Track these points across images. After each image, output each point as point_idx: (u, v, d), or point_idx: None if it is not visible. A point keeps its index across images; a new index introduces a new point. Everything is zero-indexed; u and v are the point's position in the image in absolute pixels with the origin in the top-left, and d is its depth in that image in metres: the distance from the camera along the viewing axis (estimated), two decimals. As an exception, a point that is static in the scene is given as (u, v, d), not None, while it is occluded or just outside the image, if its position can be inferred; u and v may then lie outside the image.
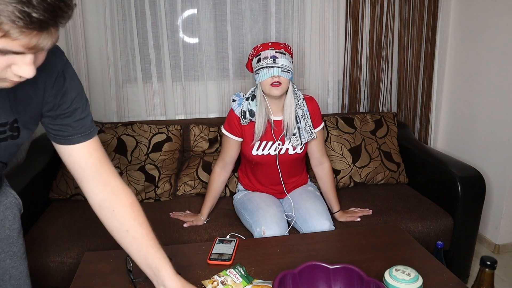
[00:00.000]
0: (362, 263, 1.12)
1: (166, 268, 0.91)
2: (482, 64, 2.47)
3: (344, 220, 1.90)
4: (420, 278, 0.96)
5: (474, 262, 2.16)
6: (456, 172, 2.03)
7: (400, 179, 2.34)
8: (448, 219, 1.99)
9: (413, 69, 2.70)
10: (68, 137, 0.89)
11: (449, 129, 2.81)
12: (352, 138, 2.34)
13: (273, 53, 1.69)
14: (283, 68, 1.68)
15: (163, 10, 2.35)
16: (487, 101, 2.44)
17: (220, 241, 1.26)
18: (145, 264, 0.93)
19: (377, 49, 2.62)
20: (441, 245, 1.45)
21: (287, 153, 1.85)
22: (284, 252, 1.22)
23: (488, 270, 0.91)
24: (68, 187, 2.11)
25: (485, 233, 2.52)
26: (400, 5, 2.58)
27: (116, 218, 0.94)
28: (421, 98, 2.77)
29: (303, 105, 1.81)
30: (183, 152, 2.33)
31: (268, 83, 1.70)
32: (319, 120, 1.89)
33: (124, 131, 2.22)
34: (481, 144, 2.51)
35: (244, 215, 1.84)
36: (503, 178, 2.36)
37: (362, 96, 2.71)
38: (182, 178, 2.21)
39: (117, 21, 2.35)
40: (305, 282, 0.96)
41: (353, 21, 2.55)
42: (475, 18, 2.50)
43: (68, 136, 0.89)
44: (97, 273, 1.13)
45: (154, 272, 0.92)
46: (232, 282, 1.03)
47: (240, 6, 2.45)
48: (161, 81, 2.48)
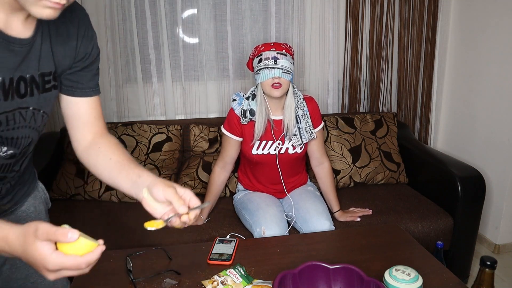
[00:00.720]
0: (362, 263, 1.12)
1: (149, 173, 0.88)
2: (482, 64, 2.47)
3: (344, 220, 1.90)
4: (420, 278, 0.96)
5: (474, 262, 2.16)
6: (456, 172, 2.03)
7: (400, 179, 2.34)
8: (448, 219, 1.99)
9: (413, 69, 2.70)
10: (82, 89, 0.94)
11: (449, 129, 2.80)
12: (352, 138, 2.34)
13: (275, 54, 1.69)
14: (284, 69, 1.68)
15: (163, 10, 2.35)
16: (487, 101, 2.44)
17: (220, 241, 1.26)
18: (132, 185, 0.88)
19: (377, 49, 2.62)
20: (441, 245, 1.45)
21: (287, 153, 1.85)
22: (284, 252, 1.22)
23: (488, 270, 0.91)
24: (68, 187, 2.11)
25: (485, 233, 2.52)
26: (400, 5, 2.58)
27: (101, 152, 0.95)
28: (421, 98, 2.77)
29: (303, 105, 1.81)
30: (183, 152, 2.33)
31: (269, 84, 1.70)
32: (318, 120, 1.89)
33: (124, 131, 2.22)
34: (481, 144, 2.51)
35: (244, 215, 1.84)
36: (503, 178, 2.36)
37: (362, 96, 2.71)
38: (182, 178, 2.21)
39: (117, 21, 2.35)
40: (305, 282, 0.96)
41: (353, 21, 2.55)
42: (475, 18, 2.50)
43: (82, 88, 0.94)
44: (97, 273, 1.12)
45: (139, 184, 0.87)
46: (232, 282, 1.03)
47: (240, 6, 2.45)
48: (161, 81, 2.48)
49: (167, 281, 1.07)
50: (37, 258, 0.63)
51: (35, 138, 0.92)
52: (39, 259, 0.63)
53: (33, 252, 0.63)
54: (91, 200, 2.13)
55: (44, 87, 0.84)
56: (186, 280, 1.07)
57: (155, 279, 1.07)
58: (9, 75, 0.76)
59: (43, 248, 0.63)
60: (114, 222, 1.91)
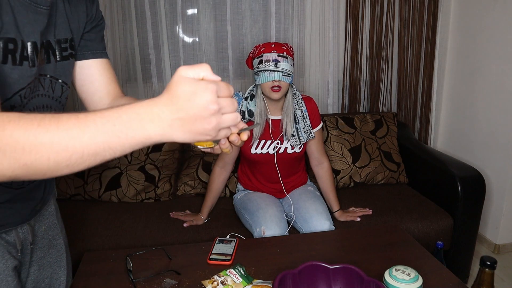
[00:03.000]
0: (362, 263, 1.12)
1: None
2: (482, 64, 2.47)
3: (344, 220, 1.90)
4: (420, 278, 0.96)
5: (474, 262, 2.16)
6: (456, 172, 2.03)
7: (400, 179, 2.34)
8: (448, 219, 1.99)
9: (413, 69, 2.70)
10: (92, 51, 0.93)
11: (449, 129, 2.80)
12: (352, 138, 2.34)
13: (275, 57, 1.69)
14: (284, 72, 1.68)
15: (163, 10, 2.35)
16: (487, 101, 2.44)
17: (220, 241, 1.26)
18: None
19: (377, 49, 2.62)
20: (441, 245, 1.45)
21: (285, 152, 1.85)
22: (284, 252, 1.22)
23: (488, 270, 0.91)
24: (68, 187, 2.11)
25: (485, 233, 2.52)
26: (400, 5, 2.58)
27: (114, 104, 0.94)
28: (421, 98, 2.77)
29: (302, 106, 1.81)
30: (183, 152, 2.33)
31: (268, 86, 1.71)
32: (318, 120, 1.89)
33: (124, 131, 2.22)
34: (481, 144, 2.51)
35: (244, 215, 1.84)
36: (503, 178, 2.36)
37: (362, 96, 2.71)
38: (182, 178, 2.21)
39: (117, 21, 2.35)
40: (305, 282, 0.96)
41: (353, 21, 2.55)
42: (475, 18, 2.50)
43: (92, 50, 0.93)
44: (97, 273, 1.13)
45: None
46: (232, 282, 1.03)
47: (240, 6, 2.45)
48: (161, 81, 2.48)
49: (167, 281, 1.07)
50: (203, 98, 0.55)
51: (57, 110, 0.87)
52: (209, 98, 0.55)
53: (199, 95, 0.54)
54: (91, 200, 2.13)
55: (61, 55, 0.83)
56: (186, 280, 1.07)
57: (155, 279, 1.07)
58: (41, 39, 0.75)
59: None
60: (114, 222, 1.91)
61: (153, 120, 0.54)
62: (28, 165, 0.52)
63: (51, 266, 0.98)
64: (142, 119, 0.54)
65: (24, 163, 0.52)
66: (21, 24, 0.69)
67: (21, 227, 0.85)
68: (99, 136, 0.53)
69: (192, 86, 0.54)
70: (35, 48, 0.72)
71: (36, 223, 0.91)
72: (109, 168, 2.14)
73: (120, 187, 2.11)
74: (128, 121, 0.54)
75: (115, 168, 2.14)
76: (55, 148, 0.52)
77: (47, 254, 0.96)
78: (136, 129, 0.54)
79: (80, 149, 0.53)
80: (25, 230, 0.87)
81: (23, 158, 0.52)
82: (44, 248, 0.95)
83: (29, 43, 0.71)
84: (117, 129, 0.54)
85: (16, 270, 0.85)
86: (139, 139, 0.55)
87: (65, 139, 0.52)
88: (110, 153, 0.55)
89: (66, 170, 0.55)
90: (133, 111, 0.55)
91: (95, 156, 0.54)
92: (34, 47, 0.72)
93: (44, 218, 0.96)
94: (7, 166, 0.52)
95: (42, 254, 0.94)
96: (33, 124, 0.52)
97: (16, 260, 0.84)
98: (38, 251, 0.93)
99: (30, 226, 0.88)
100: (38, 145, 0.52)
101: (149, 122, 0.54)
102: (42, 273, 0.95)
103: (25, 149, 0.51)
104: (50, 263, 0.97)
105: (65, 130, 0.52)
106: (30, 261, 0.91)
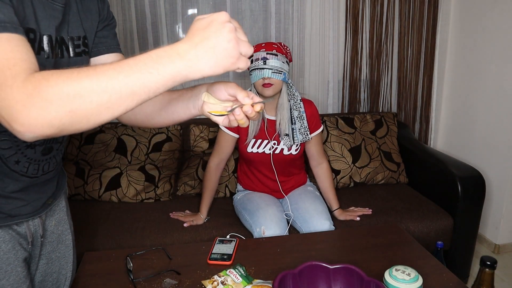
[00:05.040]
0: (362, 263, 1.12)
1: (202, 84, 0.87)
2: (482, 64, 2.47)
3: (343, 219, 1.90)
4: (420, 278, 0.96)
5: (474, 262, 2.16)
6: (456, 172, 2.03)
7: (400, 179, 2.34)
8: (448, 219, 1.99)
9: (413, 69, 2.70)
10: (107, 46, 0.96)
11: (449, 129, 2.80)
12: (352, 138, 2.34)
13: (264, 55, 1.71)
14: (273, 69, 1.70)
15: (163, 10, 2.35)
16: (487, 101, 2.44)
17: (220, 241, 1.26)
18: (189, 100, 0.89)
19: (377, 49, 2.62)
20: (441, 245, 1.45)
21: (282, 153, 1.85)
22: (284, 252, 1.22)
23: (488, 270, 0.91)
24: (68, 187, 2.11)
25: (485, 233, 2.52)
26: (400, 5, 2.58)
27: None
28: (421, 98, 2.77)
29: (299, 106, 1.82)
30: (183, 152, 2.33)
31: (260, 84, 1.73)
32: (318, 124, 1.90)
33: (124, 131, 2.22)
34: (481, 144, 2.51)
35: (244, 215, 1.84)
36: (503, 178, 2.36)
37: (362, 96, 2.71)
38: (182, 178, 2.21)
39: (117, 21, 2.34)
40: (305, 282, 0.96)
41: (353, 21, 2.55)
42: (475, 18, 2.50)
43: (107, 45, 0.96)
44: (97, 273, 1.13)
45: (196, 93, 0.87)
46: (232, 282, 1.03)
47: (240, 6, 2.45)
48: (161, 81, 2.48)
49: (167, 281, 1.07)
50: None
51: None
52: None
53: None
54: (91, 200, 2.13)
55: (74, 51, 0.85)
56: (186, 280, 1.07)
57: (155, 279, 1.07)
58: (56, 34, 0.78)
59: None
60: (114, 222, 1.91)
61: (180, 54, 0.60)
62: (73, 111, 0.57)
63: (59, 261, 1.00)
64: (170, 55, 0.60)
65: (70, 109, 0.56)
66: (39, 18, 0.73)
67: (32, 220, 0.88)
68: (133, 74, 0.58)
69: (208, 18, 0.62)
70: (50, 41, 0.76)
71: (47, 217, 0.94)
72: (109, 168, 2.14)
73: (120, 187, 2.11)
74: (157, 58, 0.60)
75: (115, 168, 2.14)
76: (96, 89, 0.57)
77: (56, 249, 0.98)
78: (166, 64, 0.60)
79: (118, 88, 0.58)
80: (36, 223, 0.89)
81: (68, 104, 0.56)
82: (53, 243, 0.97)
83: (45, 37, 0.75)
84: (149, 65, 0.59)
85: (26, 262, 0.88)
86: (170, 74, 0.61)
87: (103, 80, 0.57)
88: (145, 92, 0.60)
89: (107, 113, 0.59)
90: (161, 50, 0.61)
91: (133, 95, 0.59)
92: (49, 41, 0.76)
93: (55, 213, 0.98)
94: (54, 114, 0.56)
95: (51, 249, 0.96)
96: (73, 73, 0.57)
97: (26, 252, 0.87)
98: (48, 245, 0.95)
99: (41, 220, 0.91)
100: (80, 90, 0.56)
101: (177, 56, 0.60)
102: (51, 267, 0.97)
103: (70, 95, 0.56)
104: (59, 258, 0.99)
105: (102, 72, 0.58)
106: (39, 254, 0.93)
